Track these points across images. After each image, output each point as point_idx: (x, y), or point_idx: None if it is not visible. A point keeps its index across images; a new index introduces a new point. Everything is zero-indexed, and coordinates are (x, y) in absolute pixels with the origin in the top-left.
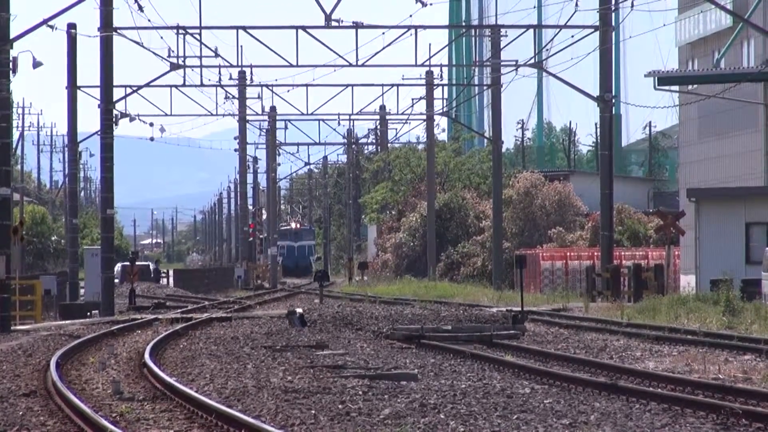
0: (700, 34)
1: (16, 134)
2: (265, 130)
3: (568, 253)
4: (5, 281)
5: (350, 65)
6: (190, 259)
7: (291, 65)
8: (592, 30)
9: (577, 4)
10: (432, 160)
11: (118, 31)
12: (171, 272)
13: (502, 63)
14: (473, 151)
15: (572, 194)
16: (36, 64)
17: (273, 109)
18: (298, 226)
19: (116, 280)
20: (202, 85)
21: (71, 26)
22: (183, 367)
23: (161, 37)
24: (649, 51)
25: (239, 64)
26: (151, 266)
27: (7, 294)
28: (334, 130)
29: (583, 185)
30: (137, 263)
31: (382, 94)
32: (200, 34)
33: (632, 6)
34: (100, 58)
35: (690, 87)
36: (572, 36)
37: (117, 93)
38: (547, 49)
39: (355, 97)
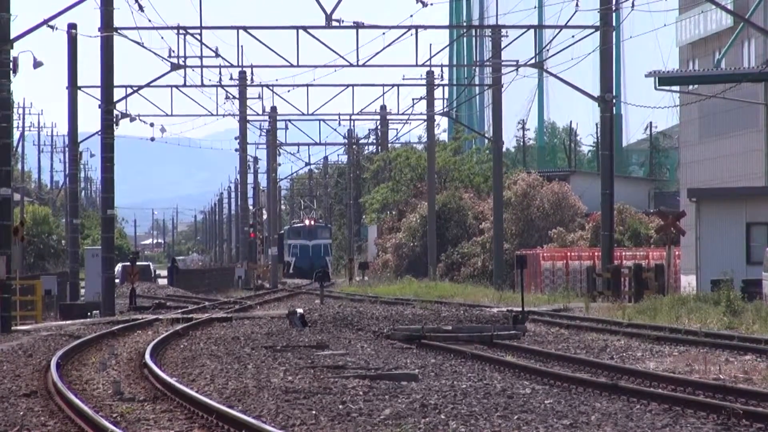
0: (700, 34)
1: (16, 134)
2: (265, 131)
3: (569, 254)
4: (6, 281)
5: (351, 65)
6: (191, 259)
7: (291, 65)
8: (593, 30)
9: (577, 5)
10: (432, 160)
11: (119, 31)
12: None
13: (502, 63)
14: (473, 150)
15: (570, 194)
16: (36, 65)
17: (273, 109)
18: (313, 223)
19: (117, 281)
20: (202, 85)
21: (72, 26)
22: (183, 367)
23: (162, 38)
24: (650, 51)
25: (240, 64)
26: (151, 265)
27: (8, 294)
28: (335, 130)
29: (583, 185)
30: (138, 263)
31: (383, 94)
32: (201, 34)
33: (633, 6)
34: (100, 58)
35: (690, 87)
36: (573, 36)
37: (117, 93)
38: (547, 49)
39: (355, 97)
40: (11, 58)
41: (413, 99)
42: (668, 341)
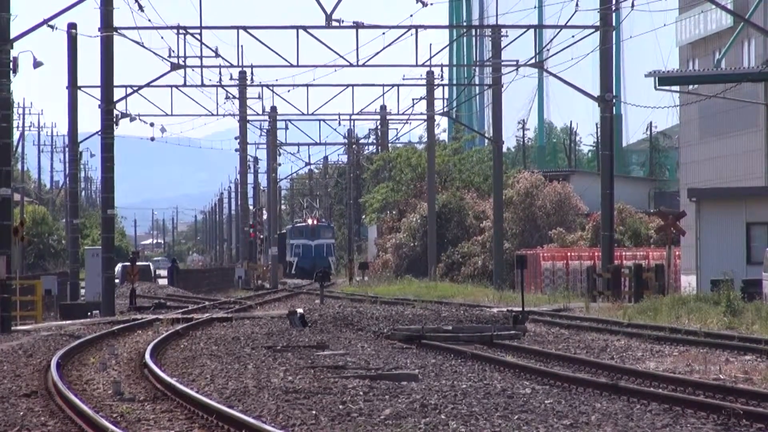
0: (700, 34)
1: (16, 134)
2: (265, 130)
3: (569, 253)
4: (6, 281)
5: (351, 65)
6: (191, 260)
7: (291, 65)
8: (593, 30)
9: (577, 4)
10: (432, 160)
11: (119, 31)
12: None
13: (502, 63)
14: (473, 151)
15: (572, 194)
16: (36, 64)
17: (273, 109)
18: (316, 222)
19: (117, 281)
20: (202, 85)
21: (72, 26)
22: (184, 367)
23: (162, 37)
24: (650, 51)
25: (240, 64)
26: (151, 265)
27: (8, 294)
28: (335, 130)
29: (584, 185)
30: (138, 263)
31: (383, 94)
32: (201, 34)
33: (633, 6)
34: (100, 58)
35: (690, 87)
36: (572, 36)
37: (117, 93)
38: (547, 49)
39: (355, 97)
40: (11, 58)
41: (413, 99)
42: (668, 341)
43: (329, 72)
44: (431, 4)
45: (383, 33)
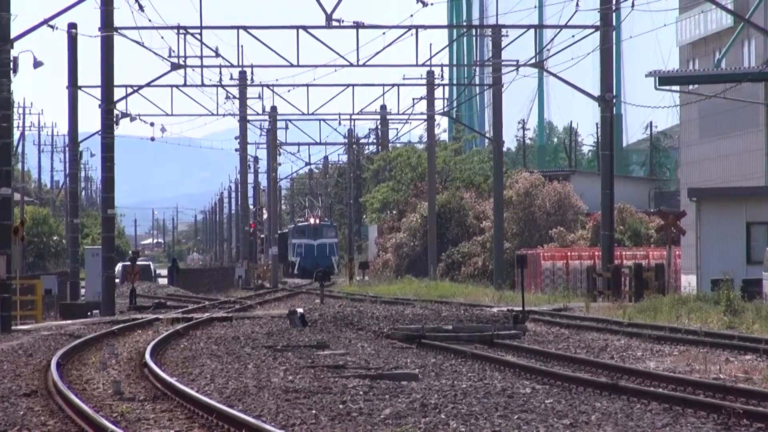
0: (700, 33)
1: (16, 134)
2: (265, 130)
3: (569, 253)
4: (6, 281)
5: (351, 65)
6: (191, 259)
7: (292, 65)
8: (593, 30)
9: (577, 4)
10: (432, 160)
11: (119, 30)
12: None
13: (502, 63)
14: (474, 151)
15: (572, 194)
16: (37, 64)
17: (274, 109)
18: (318, 221)
19: (117, 280)
20: (202, 85)
21: (72, 26)
22: (184, 367)
23: (162, 37)
24: (650, 51)
25: (240, 64)
26: (150, 264)
27: (8, 294)
28: (335, 130)
29: (584, 185)
30: (138, 263)
31: (383, 94)
32: (201, 34)
33: (633, 6)
34: (100, 57)
35: (691, 87)
36: (573, 36)
37: (118, 93)
38: (547, 49)
39: (355, 97)
40: (11, 58)
41: (413, 99)
42: (668, 341)
43: (329, 72)
44: (431, 4)
45: (383, 33)
